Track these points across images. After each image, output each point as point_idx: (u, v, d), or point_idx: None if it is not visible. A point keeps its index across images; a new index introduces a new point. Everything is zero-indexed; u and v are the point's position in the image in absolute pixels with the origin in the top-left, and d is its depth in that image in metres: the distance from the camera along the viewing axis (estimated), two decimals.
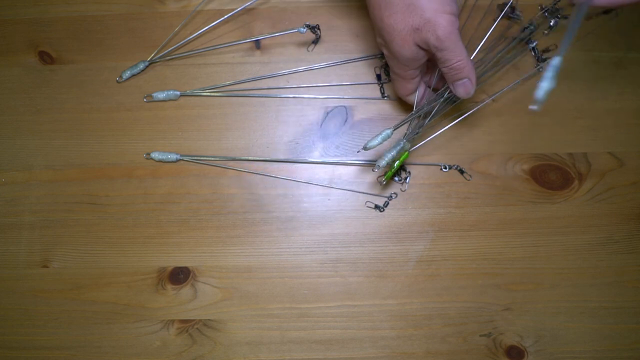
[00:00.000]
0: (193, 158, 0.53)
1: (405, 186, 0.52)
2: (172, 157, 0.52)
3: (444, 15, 0.41)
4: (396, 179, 0.53)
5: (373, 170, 0.49)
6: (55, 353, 0.50)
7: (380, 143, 0.46)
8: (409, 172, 0.52)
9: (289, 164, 0.54)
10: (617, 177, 0.53)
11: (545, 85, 0.40)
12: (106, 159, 0.54)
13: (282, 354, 0.50)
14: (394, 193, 0.52)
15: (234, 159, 0.53)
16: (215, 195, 0.53)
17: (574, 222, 0.52)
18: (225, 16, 0.55)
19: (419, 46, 0.43)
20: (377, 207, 0.52)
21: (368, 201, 0.52)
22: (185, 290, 0.51)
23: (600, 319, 0.51)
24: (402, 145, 0.47)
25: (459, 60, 0.43)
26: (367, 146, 0.46)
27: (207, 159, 0.53)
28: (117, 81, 0.55)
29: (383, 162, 0.46)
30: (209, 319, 0.51)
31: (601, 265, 0.52)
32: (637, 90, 0.55)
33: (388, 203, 0.52)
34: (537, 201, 0.53)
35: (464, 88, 0.45)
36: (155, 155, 0.52)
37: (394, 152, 0.46)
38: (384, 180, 0.49)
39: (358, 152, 0.52)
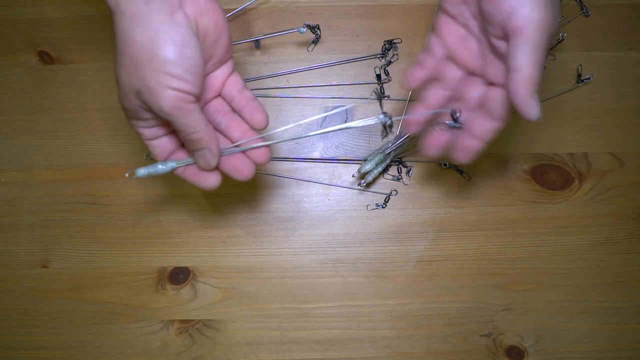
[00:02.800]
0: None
1: (409, 180, 0.52)
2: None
3: (167, 90, 0.35)
4: (392, 176, 0.53)
5: (352, 176, 0.52)
6: (55, 353, 0.50)
7: (374, 167, 0.50)
8: (411, 167, 0.52)
9: (289, 164, 0.54)
10: (617, 177, 0.53)
11: (368, 167, 0.49)
12: (106, 159, 0.54)
13: (282, 354, 0.50)
14: (394, 190, 0.52)
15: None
16: (216, 195, 0.53)
17: (574, 222, 0.52)
18: (226, 16, 0.55)
19: (143, 108, 0.37)
20: (377, 205, 0.52)
21: (369, 204, 0.52)
22: (185, 290, 0.51)
23: (600, 319, 0.51)
24: (381, 158, 0.50)
25: (194, 132, 0.38)
26: (361, 171, 0.50)
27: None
28: None
29: (364, 169, 0.50)
30: (209, 319, 0.51)
31: (601, 265, 0.52)
32: (637, 90, 0.55)
33: (389, 198, 0.52)
34: (537, 201, 0.53)
35: (203, 159, 0.40)
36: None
37: (372, 164, 0.50)
38: (363, 182, 0.51)
39: (353, 176, 0.52)
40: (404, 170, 0.53)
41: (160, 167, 0.41)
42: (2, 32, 0.56)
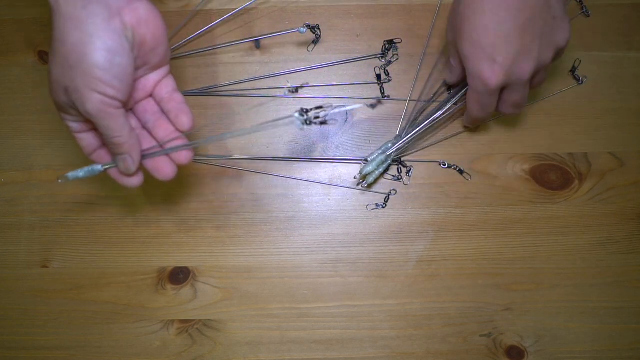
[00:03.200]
0: (194, 159, 0.52)
1: (408, 180, 0.52)
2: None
3: (93, 93, 0.37)
4: (392, 176, 0.53)
5: (354, 177, 0.52)
6: (55, 353, 0.50)
7: (376, 168, 0.50)
8: (411, 167, 0.52)
9: (289, 164, 0.54)
10: (617, 177, 0.53)
11: (369, 169, 0.49)
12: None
13: (282, 354, 0.50)
14: (394, 190, 0.52)
15: (231, 158, 0.53)
16: (215, 195, 0.53)
17: (574, 222, 0.52)
18: (225, 16, 0.55)
19: (70, 105, 0.39)
20: (377, 205, 0.52)
21: (369, 204, 0.52)
22: (185, 291, 0.51)
23: (601, 319, 0.51)
24: (382, 159, 0.50)
25: (116, 137, 0.39)
26: (363, 172, 0.50)
27: (207, 158, 0.53)
28: None
29: (366, 170, 0.50)
30: (209, 319, 0.51)
31: (601, 265, 0.52)
32: (637, 90, 0.55)
33: (388, 198, 0.52)
34: (537, 201, 0.53)
35: (124, 164, 0.41)
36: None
37: (373, 166, 0.50)
38: (365, 183, 0.51)
39: (355, 178, 0.52)
40: (404, 170, 0.53)
41: (85, 171, 0.42)
42: (2, 32, 0.56)
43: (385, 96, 0.55)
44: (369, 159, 0.51)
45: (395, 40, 0.55)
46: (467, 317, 0.51)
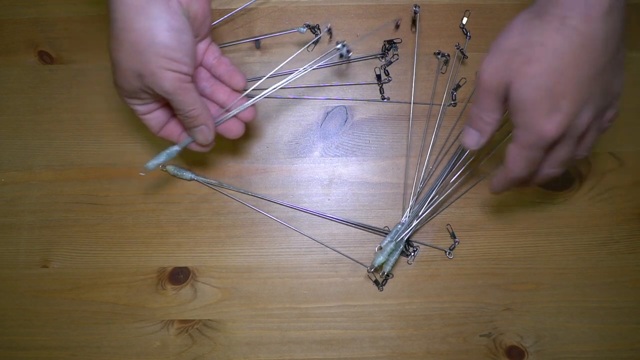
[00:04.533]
0: (206, 180, 0.52)
1: (412, 261, 0.51)
2: (187, 175, 0.52)
3: (168, 72, 0.39)
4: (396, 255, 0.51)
5: (368, 271, 0.50)
6: (55, 353, 0.50)
7: (386, 259, 0.49)
8: (417, 247, 0.52)
9: (289, 164, 0.54)
10: (617, 177, 0.53)
11: (380, 259, 0.48)
12: (106, 159, 0.54)
13: (282, 354, 0.50)
14: (391, 274, 0.51)
15: (238, 190, 0.53)
16: (215, 195, 0.53)
17: (574, 222, 0.52)
18: (225, 16, 0.55)
19: (142, 89, 0.41)
20: (376, 282, 0.51)
21: (367, 274, 0.51)
22: (185, 291, 0.51)
23: (600, 319, 0.51)
24: (392, 247, 0.49)
25: (192, 109, 0.42)
26: (375, 264, 0.49)
27: (219, 186, 0.53)
28: None
29: (377, 262, 0.49)
30: (209, 319, 0.51)
31: (601, 265, 0.52)
32: (637, 90, 0.55)
33: (386, 282, 0.51)
34: (537, 201, 0.53)
35: (201, 134, 0.44)
36: (170, 169, 0.52)
37: (385, 256, 0.49)
38: (371, 269, 0.49)
39: (368, 271, 0.50)
40: (410, 249, 0.52)
41: (165, 155, 0.45)
42: (2, 32, 0.56)
43: (385, 98, 0.55)
44: (379, 248, 0.49)
45: (395, 40, 0.55)
46: (467, 317, 0.51)
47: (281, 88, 0.48)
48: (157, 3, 0.38)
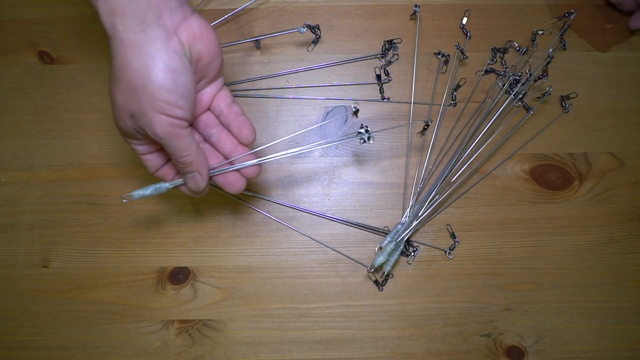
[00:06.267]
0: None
1: (412, 261, 0.52)
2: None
3: (161, 115, 0.37)
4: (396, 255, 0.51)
5: (368, 271, 0.51)
6: (55, 353, 0.50)
7: (386, 259, 0.49)
8: (417, 247, 0.52)
9: (289, 164, 0.54)
10: (617, 177, 0.53)
11: (380, 260, 0.48)
12: (106, 159, 0.54)
13: (282, 354, 0.50)
14: (391, 274, 0.51)
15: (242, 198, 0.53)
16: (215, 195, 0.53)
17: (574, 222, 0.52)
18: (225, 16, 0.55)
19: (137, 130, 0.39)
20: (376, 282, 0.51)
21: (367, 274, 0.51)
22: (185, 291, 0.51)
23: (600, 319, 0.51)
24: (392, 247, 0.50)
25: (186, 156, 0.39)
26: (375, 265, 0.49)
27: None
28: None
29: (377, 262, 0.49)
30: (209, 319, 0.51)
31: (601, 265, 0.52)
32: (637, 90, 0.55)
33: (386, 282, 0.51)
34: (537, 201, 0.53)
35: (193, 182, 0.41)
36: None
37: (385, 256, 0.49)
38: (371, 269, 0.50)
39: (369, 271, 0.51)
40: (410, 249, 0.52)
41: (151, 189, 0.42)
42: (2, 32, 0.56)
43: (385, 98, 0.55)
44: (379, 247, 0.50)
45: (395, 40, 0.55)
46: (467, 317, 0.51)
47: (281, 88, 0.48)
48: (156, 41, 0.36)
